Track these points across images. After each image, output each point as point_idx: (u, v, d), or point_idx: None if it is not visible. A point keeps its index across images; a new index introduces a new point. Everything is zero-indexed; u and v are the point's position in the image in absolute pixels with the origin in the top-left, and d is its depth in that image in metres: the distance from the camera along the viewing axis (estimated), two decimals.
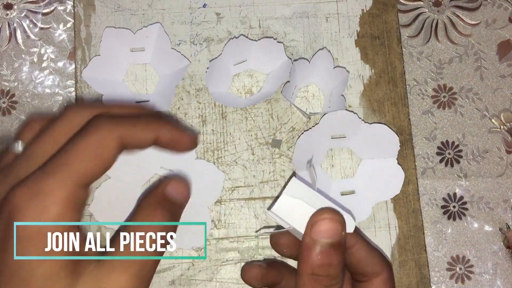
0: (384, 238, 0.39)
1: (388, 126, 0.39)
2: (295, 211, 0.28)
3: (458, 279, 0.40)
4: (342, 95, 0.40)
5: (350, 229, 0.28)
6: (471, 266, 0.40)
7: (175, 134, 0.30)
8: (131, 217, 0.28)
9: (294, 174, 0.39)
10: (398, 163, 0.39)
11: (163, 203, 0.29)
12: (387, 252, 0.39)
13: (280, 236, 0.33)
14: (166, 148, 0.30)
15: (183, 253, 0.39)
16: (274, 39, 0.41)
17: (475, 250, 0.40)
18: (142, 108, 0.31)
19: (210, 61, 0.41)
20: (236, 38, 0.41)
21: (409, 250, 0.39)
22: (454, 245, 0.40)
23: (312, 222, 0.27)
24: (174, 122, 0.30)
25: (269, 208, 0.29)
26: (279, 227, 0.33)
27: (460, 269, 0.40)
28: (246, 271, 0.35)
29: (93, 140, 0.27)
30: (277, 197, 0.29)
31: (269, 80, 0.41)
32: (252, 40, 0.41)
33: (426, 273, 0.39)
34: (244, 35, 0.41)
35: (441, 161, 0.42)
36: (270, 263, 0.35)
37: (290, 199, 0.28)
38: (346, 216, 0.28)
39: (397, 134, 0.39)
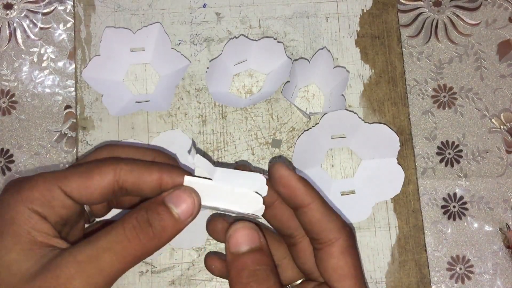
0: (384, 238, 0.39)
1: (388, 126, 0.39)
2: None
3: (458, 279, 0.40)
4: (342, 95, 0.40)
5: (259, 210, 0.26)
6: (471, 266, 0.40)
7: (177, 178, 0.28)
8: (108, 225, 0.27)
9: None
10: (398, 163, 0.39)
11: (153, 209, 0.27)
12: (387, 252, 0.39)
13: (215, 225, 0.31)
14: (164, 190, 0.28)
15: (183, 253, 0.39)
16: (274, 39, 0.41)
17: (475, 250, 0.40)
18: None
19: (210, 61, 0.41)
20: (236, 38, 0.41)
21: (409, 250, 0.39)
22: (454, 245, 0.40)
23: (227, 238, 0.27)
24: (177, 168, 0.29)
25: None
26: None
27: (460, 269, 0.40)
28: (209, 224, 0.31)
29: (88, 166, 0.27)
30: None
31: (269, 80, 0.41)
32: (252, 40, 0.41)
33: (426, 273, 0.39)
34: (244, 35, 0.41)
35: (441, 161, 0.42)
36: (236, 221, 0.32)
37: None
38: (252, 196, 0.26)
39: (397, 134, 0.39)
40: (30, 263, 0.24)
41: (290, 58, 0.41)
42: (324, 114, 0.39)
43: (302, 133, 0.40)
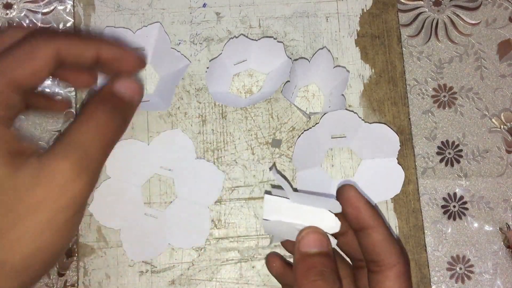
0: None
1: (388, 125, 0.39)
2: (280, 228, 0.29)
3: (458, 279, 0.40)
4: (342, 95, 0.40)
5: (335, 227, 0.28)
6: (471, 266, 0.40)
7: (118, 51, 0.30)
8: (75, 117, 0.28)
9: (266, 192, 0.39)
10: (398, 162, 0.39)
11: (108, 100, 0.28)
12: None
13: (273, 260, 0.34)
14: (110, 68, 0.30)
15: (183, 253, 0.39)
16: (274, 38, 0.41)
17: (475, 250, 0.40)
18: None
19: (210, 60, 0.41)
20: (236, 37, 0.41)
21: (409, 250, 0.39)
22: (454, 245, 0.40)
23: (298, 239, 0.28)
24: (117, 42, 0.30)
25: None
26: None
27: (460, 268, 0.40)
28: (268, 261, 0.35)
29: (26, 47, 0.27)
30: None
31: (269, 79, 0.41)
32: (252, 39, 0.41)
33: (426, 272, 0.39)
34: (244, 35, 0.41)
35: (441, 160, 0.42)
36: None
37: (271, 221, 0.28)
38: (328, 215, 0.28)
39: (397, 134, 0.39)
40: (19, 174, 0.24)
41: (290, 58, 0.41)
42: (324, 114, 0.39)
43: (302, 132, 0.40)
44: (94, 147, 0.26)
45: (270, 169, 0.32)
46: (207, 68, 0.40)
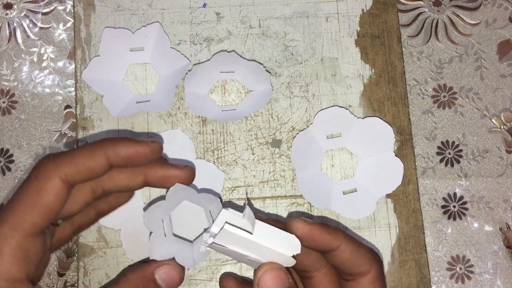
0: (384, 238, 0.39)
1: (381, 118, 0.40)
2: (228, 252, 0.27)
3: (458, 279, 0.40)
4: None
5: (295, 251, 0.26)
6: (471, 266, 0.40)
7: (128, 150, 0.28)
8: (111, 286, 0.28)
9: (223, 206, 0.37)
10: (396, 155, 0.40)
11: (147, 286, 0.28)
12: (387, 252, 0.39)
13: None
14: (128, 165, 0.29)
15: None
16: (264, 67, 0.41)
17: (475, 250, 0.40)
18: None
19: (193, 65, 0.41)
20: (228, 52, 0.41)
21: (409, 250, 0.39)
22: (454, 245, 0.40)
23: (257, 276, 0.27)
24: (124, 140, 0.29)
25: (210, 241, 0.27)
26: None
27: (460, 269, 0.40)
28: (222, 281, 0.32)
29: (33, 186, 0.26)
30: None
31: (248, 99, 0.41)
32: (243, 58, 0.41)
33: (426, 273, 0.39)
34: (237, 52, 0.41)
35: (441, 161, 0.42)
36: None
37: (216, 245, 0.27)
38: (290, 238, 0.27)
39: (393, 130, 0.40)
40: None
41: (272, 87, 0.40)
42: (318, 112, 0.40)
43: (298, 133, 0.40)
44: None
45: (244, 205, 0.30)
46: (189, 70, 0.40)
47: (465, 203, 0.41)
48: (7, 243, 0.25)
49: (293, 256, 0.26)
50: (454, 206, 0.41)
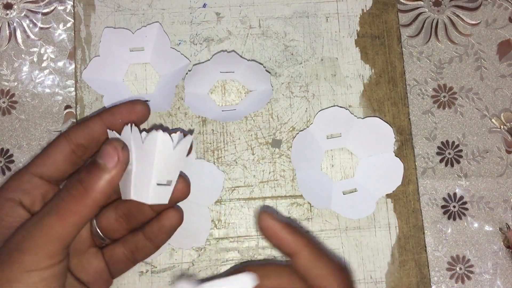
0: (384, 238, 0.39)
1: (381, 118, 0.40)
2: None
3: (458, 279, 0.40)
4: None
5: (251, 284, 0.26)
6: (471, 266, 0.40)
7: (118, 111, 0.32)
8: None
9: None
10: (395, 155, 0.40)
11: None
12: (387, 252, 0.39)
13: None
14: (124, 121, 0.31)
15: (183, 253, 0.39)
16: (264, 67, 0.41)
17: (475, 250, 0.40)
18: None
19: (193, 65, 0.41)
20: (228, 52, 0.41)
21: (409, 250, 0.39)
22: (454, 245, 0.40)
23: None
24: (116, 105, 0.33)
25: None
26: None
27: (460, 269, 0.40)
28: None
29: (47, 148, 0.31)
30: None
31: (248, 99, 0.41)
32: (243, 58, 0.41)
33: (426, 273, 0.39)
34: (236, 52, 0.41)
35: (441, 161, 0.42)
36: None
37: None
38: (243, 277, 0.26)
39: (394, 131, 0.40)
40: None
41: (272, 87, 0.40)
42: (318, 112, 0.40)
43: (298, 133, 0.40)
44: (57, 230, 0.27)
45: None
46: (189, 70, 0.40)
47: (465, 203, 0.41)
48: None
49: None
50: (454, 206, 0.41)
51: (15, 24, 0.43)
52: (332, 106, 0.41)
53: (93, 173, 0.27)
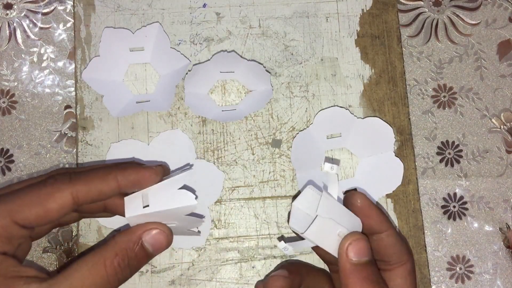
0: None
1: (381, 118, 0.40)
2: (322, 230, 0.29)
3: (458, 279, 0.40)
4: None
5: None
6: (471, 266, 0.40)
7: (135, 175, 0.30)
8: (100, 245, 0.29)
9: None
10: (395, 155, 0.40)
11: (126, 253, 0.29)
12: None
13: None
14: (133, 188, 0.31)
15: (183, 253, 0.39)
16: (264, 67, 0.41)
17: (475, 250, 0.40)
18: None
19: (193, 65, 0.41)
20: (228, 52, 0.41)
21: None
22: (454, 245, 0.40)
23: (344, 246, 0.28)
24: (132, 165, 0.31)
25: (289, 221, 0.31)
26: (296, 238, 0.34)
27: (460, 269, 0.40)
28: (270, 284, 0.32)
29: (44, 189, 0.28)
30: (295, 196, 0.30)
31: (248, 99, 0.41)
32: (243, 58, 0.41)
33: (426, 273, 0.39)
34: (237, 52, 0.41)
35: (441, 161, 0.42)
36: (289, 268, 0.34)
37: (320, 218, 0.29)
38: (357, 220, 0.30)
39: (394, 130, 0.40)
40: None
41: (272, 87, 0.40)
42: (318, 112, 0.40)
43: (297, 133, 0.40)
44: None
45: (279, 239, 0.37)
46: (189, 70, 0.40)
47: (465, 203, 0.41)
48: None
49: None
50: (454, 206, 0.41)
51: (15, 24, 0.43)
52: (332, 106, 0.41)
53: (142, 261, 0.30)
